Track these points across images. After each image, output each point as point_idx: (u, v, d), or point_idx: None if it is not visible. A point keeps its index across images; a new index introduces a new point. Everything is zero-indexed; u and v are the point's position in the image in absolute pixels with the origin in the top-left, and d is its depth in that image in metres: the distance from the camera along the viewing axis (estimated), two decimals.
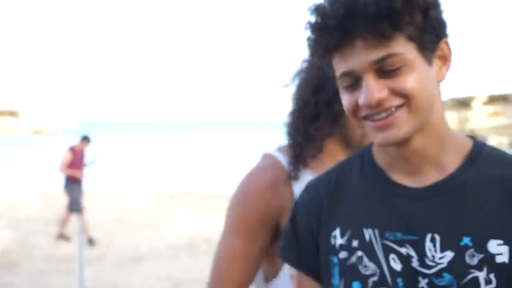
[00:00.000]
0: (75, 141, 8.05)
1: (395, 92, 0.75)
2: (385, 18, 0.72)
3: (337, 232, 0.89)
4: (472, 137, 0.87)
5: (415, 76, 0.75)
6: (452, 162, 0.82)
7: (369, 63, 0.75)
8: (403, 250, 0.80)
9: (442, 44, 0.80)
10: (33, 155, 26.40)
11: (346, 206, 0.90)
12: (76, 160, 7.62)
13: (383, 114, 0.76)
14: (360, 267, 0.84)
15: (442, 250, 0.77)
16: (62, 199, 10.22)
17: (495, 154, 0.83)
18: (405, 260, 0.79)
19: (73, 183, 7.56)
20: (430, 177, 0.82)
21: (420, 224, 0.80)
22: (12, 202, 10.76)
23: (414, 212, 0.81)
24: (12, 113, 66.36)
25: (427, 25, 0.75)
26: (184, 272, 6.01)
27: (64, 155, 7.57)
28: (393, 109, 0.76)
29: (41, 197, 11.40)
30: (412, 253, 0.79)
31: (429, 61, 0.78)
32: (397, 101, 0.76)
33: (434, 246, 0.78)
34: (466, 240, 0.76)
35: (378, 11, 0.71)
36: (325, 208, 0.92)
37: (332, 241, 0.89)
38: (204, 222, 8.86)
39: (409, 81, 0.75)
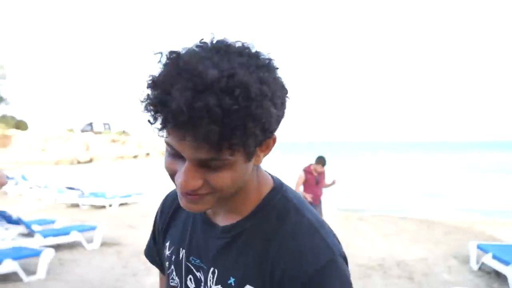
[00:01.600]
0: (309, 161, 7.51)
1: (208, 184, 0.79)
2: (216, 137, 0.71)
3: (167, 244, 1.05)
4: (275, 183, 0.94)
5: (231, 174, 0.79)
6: (246, 210, 0.91)
7: (194, 158, 0.76)
8: (198, 274, 0.95)
9: (266, 142, 0.81)
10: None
11: (178, 225, 1.04)
12: (309, 181, 7.06)
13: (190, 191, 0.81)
14: (170, 278, 1.03)
15: (216, 283, 0.90)
16: None
17: (280, 207, 0.90)
18: (197, 282, 0.95)
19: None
20: (227, 220, 0.93)
21: (211, 256, 0.93)
22: (149, 210, 11.61)
23: (210, 246, 0.94)
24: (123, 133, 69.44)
25: (255, 138, 0.74)
26: None
27: (299, 176, 7.12)
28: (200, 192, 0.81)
29: None
30: (203, 278, 0.94)
31: (250, 158, 0.79)
32: (206, 191, 0.80)
33: (213, 278, 0.91)
34: (231, 280, 0.88)
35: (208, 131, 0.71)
36: (167, 220, 1.08)
37: (165, 250, 1.06)
38: (394, 244, 8.49)
39: (224, 179, 0.78)
